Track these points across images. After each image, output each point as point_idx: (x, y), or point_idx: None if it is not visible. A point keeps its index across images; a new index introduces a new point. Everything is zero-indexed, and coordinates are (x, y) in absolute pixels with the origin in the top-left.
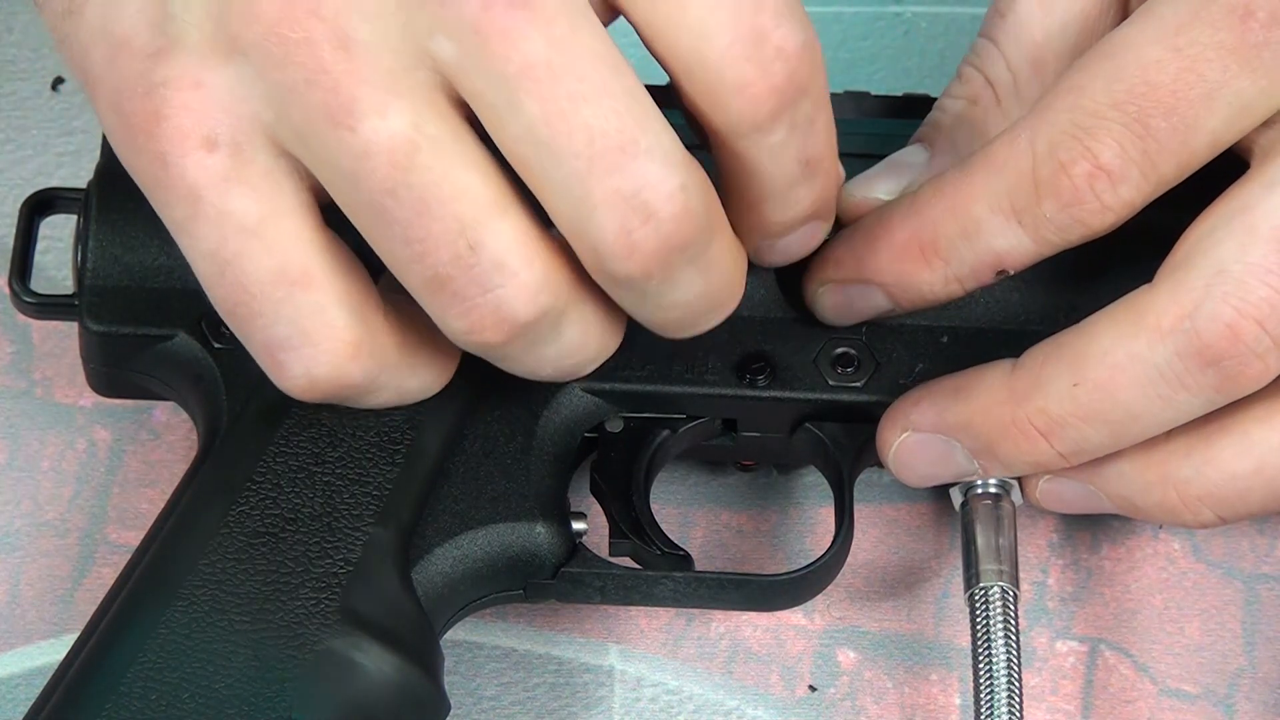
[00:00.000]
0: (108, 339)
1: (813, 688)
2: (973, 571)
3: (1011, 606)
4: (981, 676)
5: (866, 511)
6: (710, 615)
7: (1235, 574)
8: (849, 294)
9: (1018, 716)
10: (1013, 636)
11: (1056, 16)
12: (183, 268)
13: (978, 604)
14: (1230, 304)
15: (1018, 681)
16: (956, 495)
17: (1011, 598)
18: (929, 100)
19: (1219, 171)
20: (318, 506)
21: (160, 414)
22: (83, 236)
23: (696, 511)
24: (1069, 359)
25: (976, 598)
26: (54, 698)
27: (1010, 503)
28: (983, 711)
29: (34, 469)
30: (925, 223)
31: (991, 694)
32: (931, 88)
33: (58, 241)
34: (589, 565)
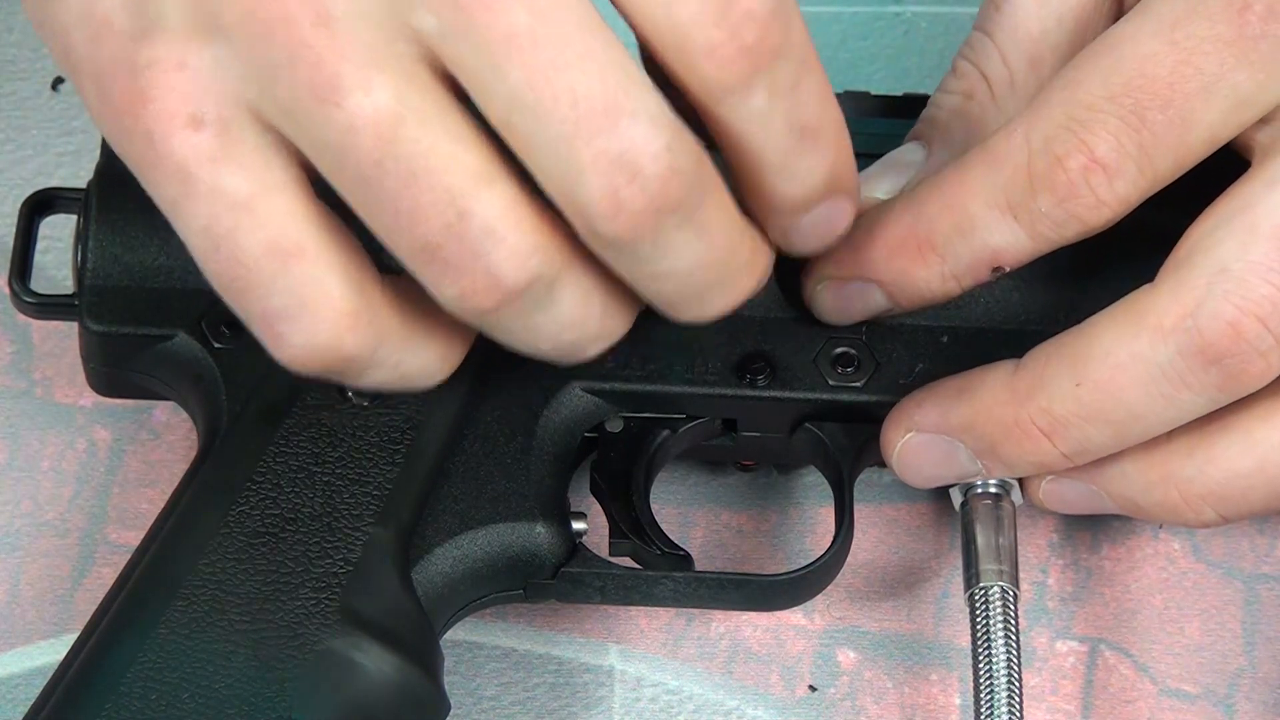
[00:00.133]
0: (108, 339)
1: (813, 688)
2: (973, 571)
3: (1011, 606)
4: (981, 676)
5: (866, 511)
6: (710, 615)
7: (1235, 574)
8: (848, 292)
9: (1018, 716)
10: (1013, 636)
11: (1052, 10)
12: (183, 268)
13: (978, 604)
14: (1232, 302)
15: (1018, 681)
16: (956, 495)
17: (1011, 598)
18: (928, 100)
19: (1219, 172)
20: (318, 506)
21: (160, 414)
22: (83, 236)
23: (696, 511)
24: (1071, 359)
25: (976, 598)
26: (54, 698)
27: (1010, 503)
28: (983, 711)
29: (34, 469)
30: (922, 219)
31: (991, 694)
32: (931, 88)
33: (58, 241)
34: (589, 565)
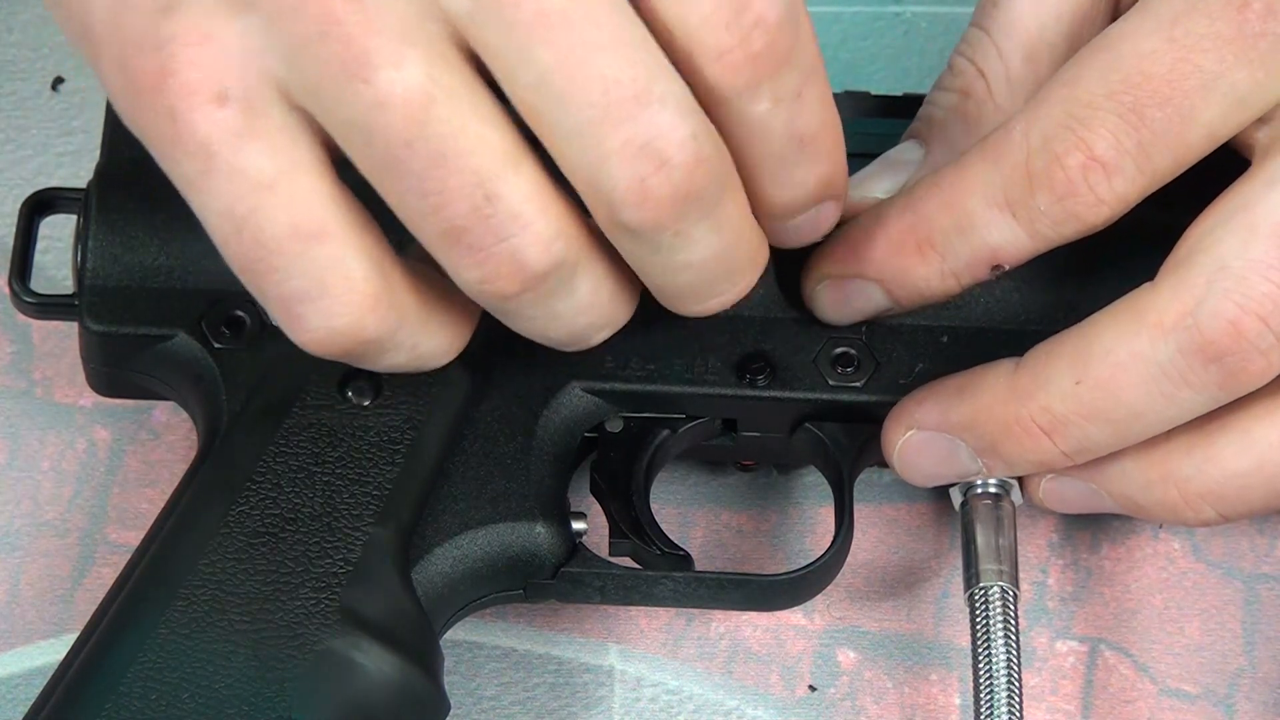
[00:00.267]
0: (108, 339)
1: (813, 688)
2: (973, 571)
3: (1011, 606)
4: (981, 676)
5: (866, 511)
6: (710, 615)
7: (1235, 574)
8: (847, 290)
9: (1018, 716)
10: (1013, 636)
11: (1050, 7)
12: (183, 268)
13: (978, 604)
14: (1232, 300)
15: (1018, 681)
16: (956, 495)
17: (1011, 598)
18: None
19: (1219, 171)
20: (318, 506)
21: (160, 414)
22: (83, 236)
23: (696, 511)
24: (1071, 357)
25: (976, 598)
26: (54, 698)
27: (1010, 503)
28: (983, 711)
29: (34, 469)
30: (921, 217)
31: (991, 694)
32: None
33: (58, 241)
34: (589, 565)
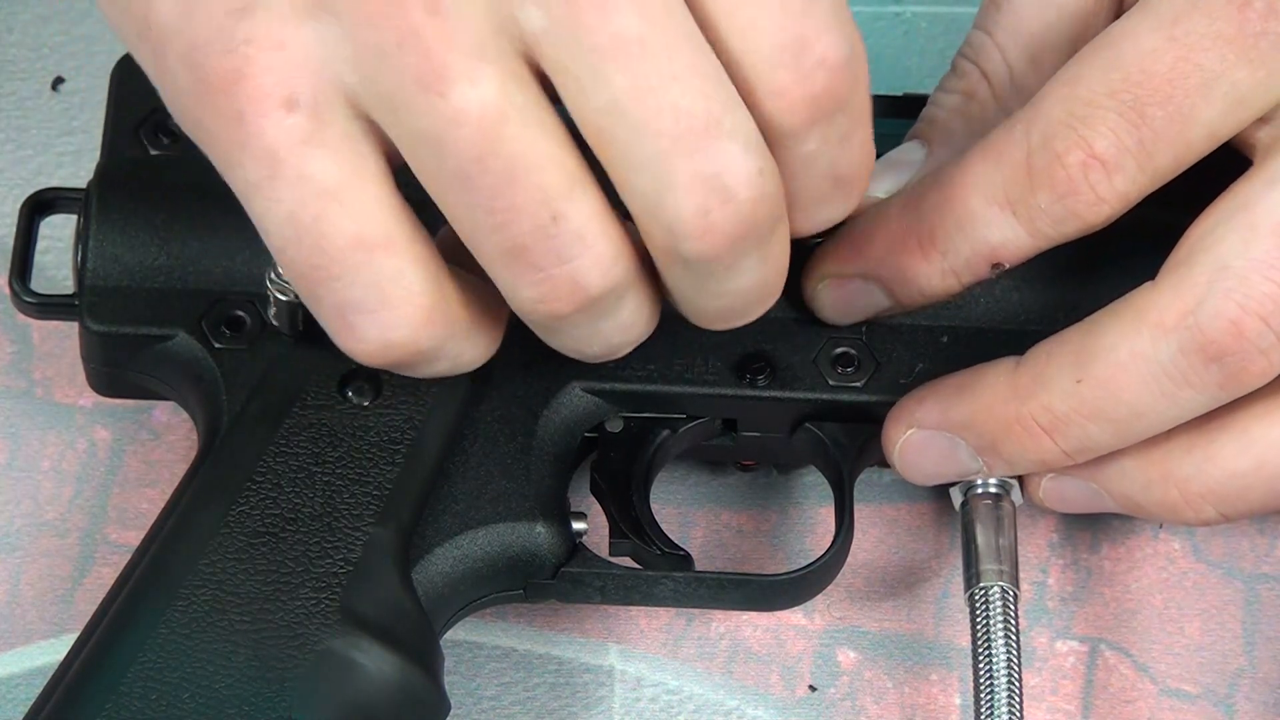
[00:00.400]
0: (108, 339)
1: (813, 688)
2: (973, 571)
3: (1011, 606)
4: (981, 676)
5: (866, 511)
6: (710, 615)
7: (1235, 574)
8: (848, 290)
9: (1018, 716)
10: (1013, 636)
11: (1052, 8)
12: (183, 268)
13: (978, 604)
14: (1233, 300)
15: (1018, 681)
16: (956, 495)
17: (1011, 598)
18: (928, 99)
19: (1220, 170)
20: (318, 506)
21: (160, 414)
22: (83, 236)
23: (696, 511)
24: (1072, 356)
25: (976, 598)
26: (54, 698)
27: (1010, 502)
28: (983, 711)
29: (34, 469)
30: (922, 216)
31: (991, 694)
32: (932, 87)
33: (58, 241)
34: (589, 565)
